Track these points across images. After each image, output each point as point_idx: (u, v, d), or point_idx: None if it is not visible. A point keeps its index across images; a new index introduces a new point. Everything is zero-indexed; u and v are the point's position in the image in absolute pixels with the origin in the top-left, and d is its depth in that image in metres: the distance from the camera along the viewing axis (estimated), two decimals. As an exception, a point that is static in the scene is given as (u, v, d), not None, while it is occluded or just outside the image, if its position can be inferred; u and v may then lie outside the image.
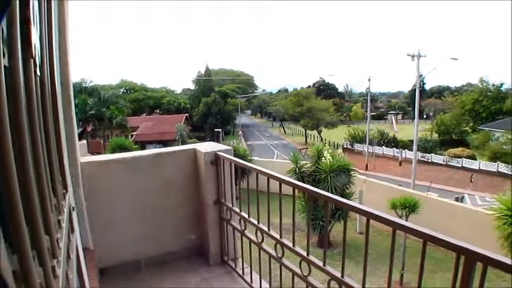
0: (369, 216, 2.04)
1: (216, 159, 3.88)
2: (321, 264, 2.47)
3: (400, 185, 22.70)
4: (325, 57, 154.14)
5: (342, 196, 13.50)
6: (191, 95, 74.99)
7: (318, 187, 12.35)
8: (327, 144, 19.94)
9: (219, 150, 3.89)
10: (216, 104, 64.71)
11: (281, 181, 2.74)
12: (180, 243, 4.21)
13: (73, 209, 2.36)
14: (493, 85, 54.31)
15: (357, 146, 49.49)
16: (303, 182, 15.50)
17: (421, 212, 13.39)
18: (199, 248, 4.21)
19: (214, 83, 72.63)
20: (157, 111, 73.82)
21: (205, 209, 4.02)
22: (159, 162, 4.06)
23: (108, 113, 46.42)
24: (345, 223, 2.44)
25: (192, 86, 78.95)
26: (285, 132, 74.24)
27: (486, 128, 45.40)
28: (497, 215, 9.17)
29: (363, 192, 17.34)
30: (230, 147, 4.02)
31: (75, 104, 3.41)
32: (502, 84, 53.80)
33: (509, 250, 8.86)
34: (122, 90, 73.76)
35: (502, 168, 34.33)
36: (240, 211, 3.58)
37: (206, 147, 4.09)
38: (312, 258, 2.56)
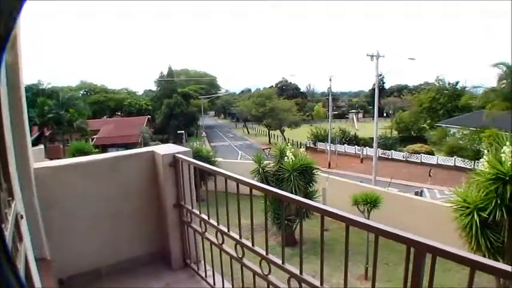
0: (322, 212, 2.07)
1: (174, 162, 3.81)
2: (280, 262, 2.48)
3: (361, 182, 23.14)
4: (287, 57, 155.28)
5: (306, 194, 13.70)
6: (153, 97, 73.68)
7: (281, 186, 12.50)
8: (289, 144, 20.12)
9: (178, 152, 3.82)
10: (179, 106, 63.98)
11: (238, 181, 2.73)
12: (142, 248, 4.12)
13: (21, 217, 2.26)
14: (449, 84, 56.32)
15: (320, 145, 50.16)
16: (267, 181, 15.63)
17: (382, 207, 13.74)
18: (161, 253, 4.13)
19: (177, 84, 71.71)
20: (119, 113, 72.13)
21: (165, 212, 3.95)
22: (116, 165, 3.96)
23: (68, 116, 44.95)
24: (301, 221, 2.47)
25: (154, 87, 77.66)
26: (248, 132, 74.33)
27: (443, 125, 47.06)
28: (455, 207, 9.48)
29: (326, 190, 17.58)
30: (189, 149, 3.96)
31: (31, 107, 3.26)
32: (457, 83, 55.89)
33: (467, 240, 9.17)
34: (81, 92, 71.56)
35: (459, 162, 35.79)
36: (200, 213, 3.54)
37: (165, 149, 4.02)
38: (271, 257, 2.57)
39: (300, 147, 37.89)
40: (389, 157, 42.31)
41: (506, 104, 31.85)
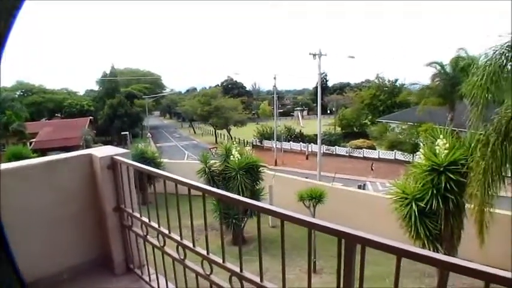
0: (260, 210, 2.08)
1: (113, 164, 3.68)
2: (220, 261, 2.47)
3: (307, 178, 23.59)
4: (233, 56, 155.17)
5: (252, 192, 13.71)
6: (95, 97, 70.88)
7: (228, 185, 12.41)
8: (235, 143, 20.17)
9: (116, 154, 3.69)
10: (122, 106, 62.22)
11: (176, 182, 2.70)
12: (82, 256, 3.94)
13: None
14: (389, 81, 58.79)
15: (266, 143, 50.68)
16: (213, 181, 15.56)
17: (327, 202, 14.05)
18: (103, 259, 3.98)
19: (120, 83, 69.61)
20: (59, 115, 69.00)
21: (105, 216, 3.80)
22: (52, 170, 3.75)
23: (5, 119, 42.45)
24: (242, 220, 2.44)
25: (96, 87, 74.82)
26: (195, 132, 73.74)
27: (383, 120, 49.05)
28: (394, 198, 9.87)
29: (272, 187, 17.76)
30: (128, 151, 3.85)
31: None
32: (396, 80, 58.49)
33: (407, 229, 9.55)
34: (18, 93, 67.64)
35: (399, 155, 37.52)
36: (141, 216, 3.45)
37: (102, 151, 3.86)
38: (212, 256, 2.55)
39: (247, 146, 38.03)
40: (334, 153, 43.48)
41: (440, 100, 33.75)
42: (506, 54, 8.49)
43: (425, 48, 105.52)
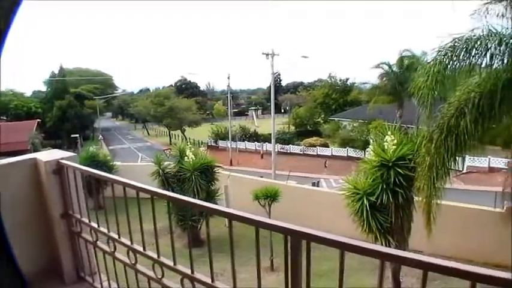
0: (205, 209, 2.10)
1: (59, 168, 3.54)
2: (171, 264, 2.46)
3: (262, 177, 23.74)
4: (187, 55, 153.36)
5: (208, 193, 13.61)
6: (43, 98, 67.97)
7: (183, 187, 12.26)
8: (190, 143, 20.03)
9: (62, 158, 3.56)
10: (72, 107, 60.00)
11: (125, 185, 2.65)
12: (30, 265, 3.76)
13: None
14: (340, 80, 60.45)
15: (221, 143, 50.62)
16: (168, 183, 15.38)
17: (282, 200, 14.20)
18: (52, 267, 3.82)
19: (69, 83, 67.12)
20: (4, 117, 65.63)
21: (52, 223, 3.66)
22: (-6, 176, 3.59)
23: None
24: (194, 223, 2.43)
25: (43, 88, 71.74)
26: (148, 134, 72.52)
27: (336, 118, 50.38)
28: (347, 194, 10.12)
29: (228, 187, 17.74)
30: (75, 154, 3.72)
31: None
32: (347, 79, 60.21)
33: (360, 223, 9.82)
34: (-44, 95, 63.78)
35: (351, 152, 38.53)
36: (90, 221, 3.36)
37: (48, 155, 3.71)
38: (163, 259, 2.53)
39: (201, 146, 37.84)
40: (288, 151, 44.02)
41: (389, 98, 35.08)
42: (449, 55, 8.89)
43: (374, 48, 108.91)
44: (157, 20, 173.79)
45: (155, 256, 2.59)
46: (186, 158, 15.28)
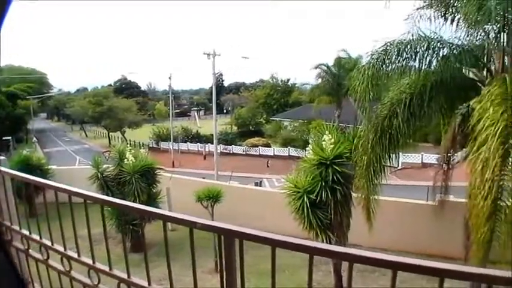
0: (137, 212, 2.10)
1: (-15, 173, 3.38)
2: (107, 269, 2.42)
3: (204, 178, 23.66)
4: (127, 54, 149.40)
5: (149, 196, 13.30)
6: (-30, 98, 63.69)
7: (123, 190, 11.91)
8: (130, 145, 19.54)
9: (-10, 162, 3.40)
10: (3, 107, 56.55)
11: (56, 189, 2.58)
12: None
13: None
14: (281, 81, 61.57)
15: (163, 144, 49.80)
16: (107, 186, 14.92)
17: (225, 201, 14.20)
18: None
19: (1, 82, 63.32)
20: None
21: (-21, 232, 3.47)
22: None
23: None
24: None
25: (-29, 87, 67.08)
26: (86, 135, 69.89)
27: (277, 118, 51.18)
28: (288, 192, 10.31)
29: (170, 189, 17.50)
30: (4, 158, 3.56)
31: None
32: (288, 80, 61.39)
33: (301, 221, 10.04)
34: None
35: (292, 152, 39.26)
36: (21, 229, 3.20)
37: (-28, 159, 3.53)
38: (98, 265, 2.48)
39: (142, 148, 37.08)
40: (231, 152, 44.16)
41: (329, 98, 36.18)
42: (382, 58, 9.30)
43: (315, 50, 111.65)
44: (97, 18, 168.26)
45: (90, 262, 2.54)
46: (126, 160, 14.86)
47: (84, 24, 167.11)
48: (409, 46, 9.23)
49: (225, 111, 77.47)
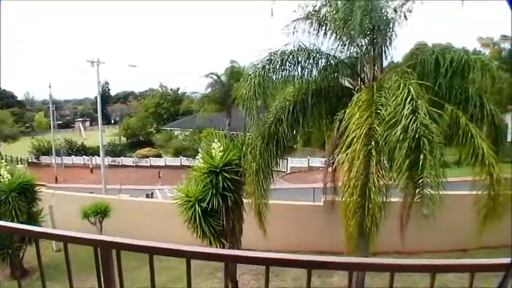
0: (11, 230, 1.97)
1: None
2: None
3: (92, 192, 22.49)
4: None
5: (29, 215, 12.26)
6: None
7: (-2, 210, 10.63)
8: (6, 161, 17.85)
9: None
10: None
11: None
12: None
13: None
14: (171, 89, 60.80)
15: (44, 159, 46.42)
16: (-23, 208, 13.38)
17: (115, 215, 13.66)
18: None
19: None
20: None
21: None
22: None
23: None
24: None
25: None
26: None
27: (168, 128, 50.48)
28: (179, 202, 10.21)
29: (53, 207, 16.29)
30: None
31: None
32: (178, 89, 60.89)
33: (194, 230, 9.99)
34: None
35: (184, 161, 38.93)
36: None
37: None
38: None
39: (20, 163, 34.07)
40: (120, 164, 42.68)
41: (218, 107, 36.68)
42: (267, 67, 9.66)
43: (205, 59, 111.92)
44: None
45: None
46: (0, 178, 13.53)
47: None
48: (291, 56, 9.71)
49: (112, 121, 74.38)
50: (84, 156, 45.51)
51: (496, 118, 9.32)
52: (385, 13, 9.56)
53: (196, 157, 10.75)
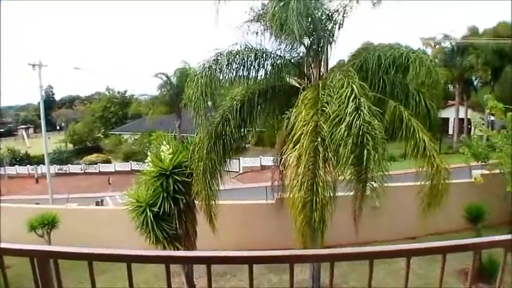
0: None
1: None
2: None
3: (38, 203, 21.56)
4: None
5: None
6: None
7: None
8: None
9: None
10: None
11: None
12: None
13: None
14: (119, 92, 59.19)
15: (-15, 170, 43.92)
16: None
17: (63, 226, 13.19)
18: None
19: None
20: None
21: None
22: None
23: None
24: None
25: None
26: None
27: (116, 132, 49.15)
28: (130, 208, 9.98)
29: (-7, 222, 15.50)
30: None
31: None
32: (125, 91, 59.30)
33: (147, 235, 9.80)
34: None
35: (135, 166, 37.83)
36: None
37: None
38: None
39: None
40: (67, 172, 41.18)
41: (168, 109, 36.16)
42: (214, 67, 9.66)
43: (153, 60, 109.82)
44: None
45: None
46: None
47: None
48: (237, 56, 9.78)
49: (58, 127, 71.73)
50: (28, 165, 43.55)
51: (432, 112, 9.83)
52: (323, 15, 9.87)
53: (146, 161, 10.55)
